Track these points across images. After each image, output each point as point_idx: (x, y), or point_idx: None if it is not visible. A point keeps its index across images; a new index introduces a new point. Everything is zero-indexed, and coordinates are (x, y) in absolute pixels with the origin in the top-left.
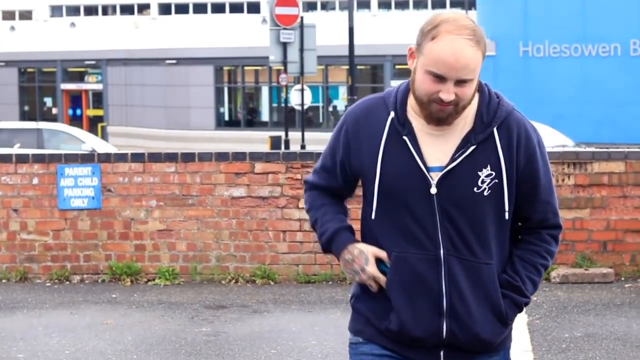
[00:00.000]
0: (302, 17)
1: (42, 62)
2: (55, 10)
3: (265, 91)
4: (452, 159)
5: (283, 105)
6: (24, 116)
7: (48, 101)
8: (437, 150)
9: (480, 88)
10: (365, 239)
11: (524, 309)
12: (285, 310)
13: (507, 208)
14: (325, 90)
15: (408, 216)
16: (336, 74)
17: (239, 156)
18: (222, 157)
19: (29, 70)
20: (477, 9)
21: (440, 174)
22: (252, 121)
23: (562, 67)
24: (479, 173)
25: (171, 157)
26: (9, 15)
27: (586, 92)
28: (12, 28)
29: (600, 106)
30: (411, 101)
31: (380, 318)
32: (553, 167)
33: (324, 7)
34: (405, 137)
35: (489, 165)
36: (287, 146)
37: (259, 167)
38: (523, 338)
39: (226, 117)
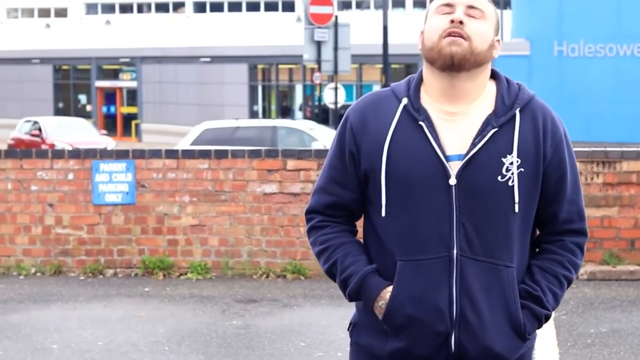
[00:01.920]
0: (336, 16)
1: (77, 60)
2: (91, 8)
3: (299, 89)
4: (473, 145)
5: (317, 103)
6: (58, 113)
7: (82, 98)
8: (455, 137)
9: (498, 76)
10: (367, 247)
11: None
12: (315, 304)
13: (517, 200)
14: (359, 88)
15: (419, 212)
16: (370, 73)
17: (272, 153)
18: (254, 154)
19: (64, 67)
20: (512, 9)
21: (460, 163)
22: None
23: (596, 66)
24: (503, 160)
25: (205, 154)
26: (44, 13)
27: (620, 92)
28: (48, 26)
29: (634, 106)
30: (425, 87)
31: (384, 340)
32: (582, 166)
33: (359, 5)
34: (422, 123)
35: (513, 152)
36: None
37: (291, 164)
38: (549, 333)
39: (260, 115)
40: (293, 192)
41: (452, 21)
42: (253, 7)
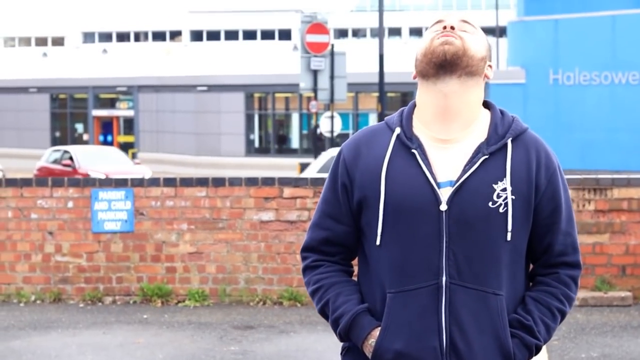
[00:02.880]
0: (332, 45)
1: (74, 89)
2: (88, 37)
3: (295, 118)
4: (464, 171)
5: (313, 132)
6: (54, 142)
7: (79, 127)
8: (447, 164)
9: (492, 107)
10: (360, 284)
11: (535, 355)
12: (311, 330)
13: (509, 228)
14: (355, 117)
15: (409, 239)
16: (366, 101)
17: (268, 181)
18: (251, 182)
19: (61, 96)
20: (507, 37)
21: (451, 189)
22: (281, 148)
23: (592, 94)
24: (494, 186)
25: (202, 182)
26: (41, 42)
27: (616, 120)
28: (45, 54)
29: (629, 134)
30: (418, 115)
31: None
32: (574, 193)
33: (355, 34)
34: (414, 151)
35: (504, 179)
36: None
37: (288, 192)
38: (541, 358)
39: (256, 144)
40: (289, 220)
41: (445, 27)
42: (250, 36)
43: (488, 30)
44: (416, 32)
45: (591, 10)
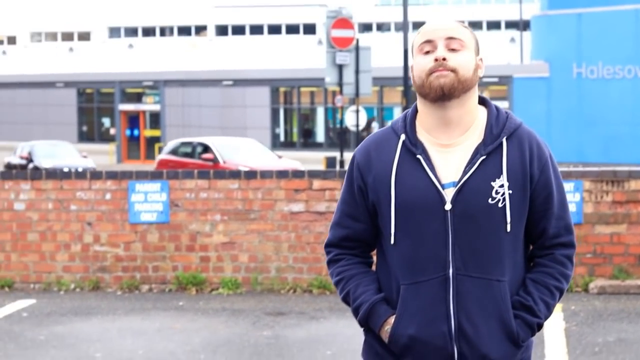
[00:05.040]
0: (357, 39)
1: (100, 83)
2: (114, 32)
3: (320, 112)
4: (464, 173)
5: (338, 126)
6: (82, 136)
7: (106, 122)
8: (449, 166)
9: (488, 105)
10: (379, 276)
11: (539, 329)
12: (341, 316)
13: (509, 220)
14: (380, 111)
15: (419, 237)
16: (391, 95)
17: (298, 174)
18: (282, 174)
19: (88, 91)
20: (531, 31)
21: (454, 189)
22: (306, 142)
23: (615, 88)
24: (492, 184)
25: (235, 175)
26: (67, 37)
27: (639, 113)
28: (71, 49)
29: None
30: (420, 120)
31: (393, 355)
32: (592, 185)
33: (380, 28)
34: (419, 156)
35: (501, 176)
36: (342, 166)
37: (317, 184)
38: (560, 342)
39: (282, 138)
40: (319, 211)
41: (436, 59)
42: (275, 30)
43: (512, 24)
44: None
45: (615, 4)
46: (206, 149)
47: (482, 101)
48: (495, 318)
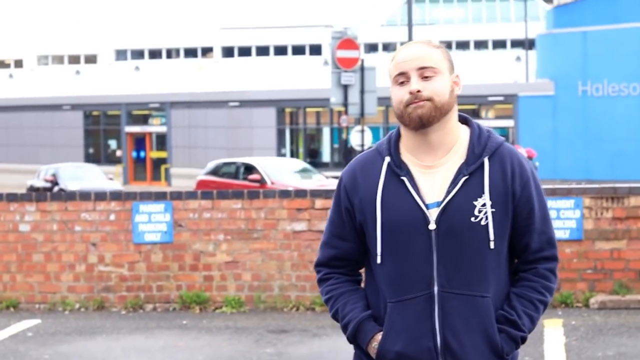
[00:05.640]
0: (362, 60)
1: (107, 105)
2: (120, 54)
3: (326, 132)
4: (447, 193)
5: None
6: (88, 158)
7: (112, 143)
8: (433, 187)
9: (470, 124)
10: (367, 294)
11: (522, 343)
12: (343, 334)
13: (492, 237)
14: (385, 130)
15: (405, 256)
16: None
17: (301, 193)
18: (284, 194)
19: (94, 113)
20: (536, 49)
21: (438, 209)
22: (313, 162)
23: (620, 105)
24: (475, 203)
25: (238, 195)
26: (74, 60)
27: None
28: (78, 72)
29: None
30: (403, 143)
31: None
32: (592, 202)
33: (386, 48)
34: (403, 178)
35: (484, 195)
36: None
37: (319, 203)
38: (560, 357)
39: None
40: (321, 230)
41: (411, 92)
42: (280, 52)
43: (517, 43)
44: (446, 46)
45: (619, 22)
46: (250, 169)
47: (465, 120)
48: (480, 333)
